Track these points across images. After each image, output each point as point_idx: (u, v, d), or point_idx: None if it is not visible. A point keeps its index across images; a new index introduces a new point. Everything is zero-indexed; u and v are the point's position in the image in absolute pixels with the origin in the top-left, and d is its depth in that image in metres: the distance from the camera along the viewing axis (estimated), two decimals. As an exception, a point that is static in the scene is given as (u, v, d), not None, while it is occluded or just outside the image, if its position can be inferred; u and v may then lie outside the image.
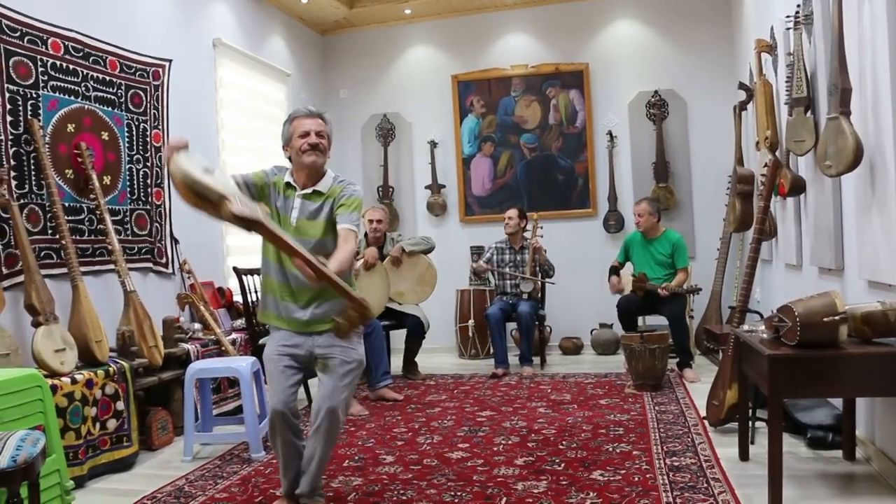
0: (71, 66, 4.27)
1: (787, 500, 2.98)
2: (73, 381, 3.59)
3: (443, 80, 7.58)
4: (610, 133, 7.20)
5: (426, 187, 7.63)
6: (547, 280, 6.38)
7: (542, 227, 6.43)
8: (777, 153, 4.57)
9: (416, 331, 6.00)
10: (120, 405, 3.89)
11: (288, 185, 3.14)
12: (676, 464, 3.54)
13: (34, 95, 4.00)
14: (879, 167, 3.09)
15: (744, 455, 3.60)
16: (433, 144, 7.57)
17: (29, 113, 3.96)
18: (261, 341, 5.20)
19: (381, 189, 7.65)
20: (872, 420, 3.44)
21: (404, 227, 7.60)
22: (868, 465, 3.42)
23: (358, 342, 3.12)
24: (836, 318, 2.89)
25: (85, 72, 4.37)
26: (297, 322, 3.06)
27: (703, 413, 4.34)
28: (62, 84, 4.20)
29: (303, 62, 7.47)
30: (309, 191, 3.13)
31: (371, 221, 5.90)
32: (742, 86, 5.75)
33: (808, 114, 3.94)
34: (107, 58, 4.56)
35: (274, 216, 3.05)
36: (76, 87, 4.31)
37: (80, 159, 4.25)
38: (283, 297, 3.08)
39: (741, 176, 5.44)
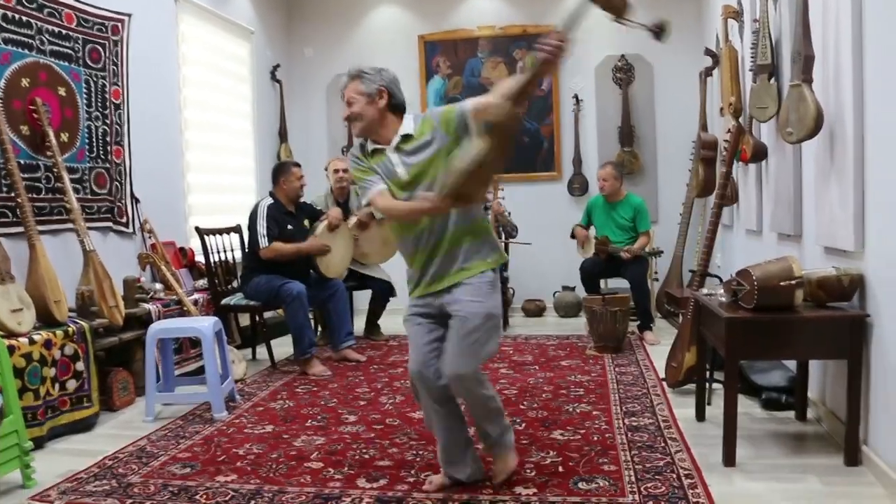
0: (24, 18, 4.13)
1: (741, 458, 3.08)
2: (31, 342, 3.53)
3: (409, 41, 7.49)
4: (576, 96, 7.20)
5: (391, 148, 7.55)
6: (520, 241, 6.39)
7: (502, 190, 6.44)
8: (740, 119, 4.61)
9: (384, 294, 6.01)
10: (80, 365, 3.84)
11: (375, 151, 2.86)
12: (635, 424, 3.61)
13: (-14, 48, 3.88)
14: (839, 135, 3.14)
15: (700, 415, 3.69)
16: (399, 105, 7.48)
17: (-19, 66, 3.84)
18: (224, 300, 5.17)
19: (345, 149, 7.56)
20: (824, 382, 3.54)
21: (369, 189, 7.53)
22: (818, 425, 3.53)
23: (489, 292, 2.80)
24: (793, 282, 2.96)
25: (39, 24, 4.24)
26: (424, 286, 2.84)
27: (661, 375, 4.43)
28: (14, 36, 4.06)
29: (267, 19, 7.32)
30: (396, 140, 2.82)
31: (337, 171, 5.86)
32: (708, 52, 5.78)
33: (772, 81, 3.97)
34: (62, 10, 4.42)
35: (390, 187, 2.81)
36: (30, 41, 4.17)
37: (35, 115, 4.14)
38: (410, 265, 2.91)
39: (705, 141, 5.49)
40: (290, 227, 5.12)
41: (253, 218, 5.07)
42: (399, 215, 2.79)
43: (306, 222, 5.31)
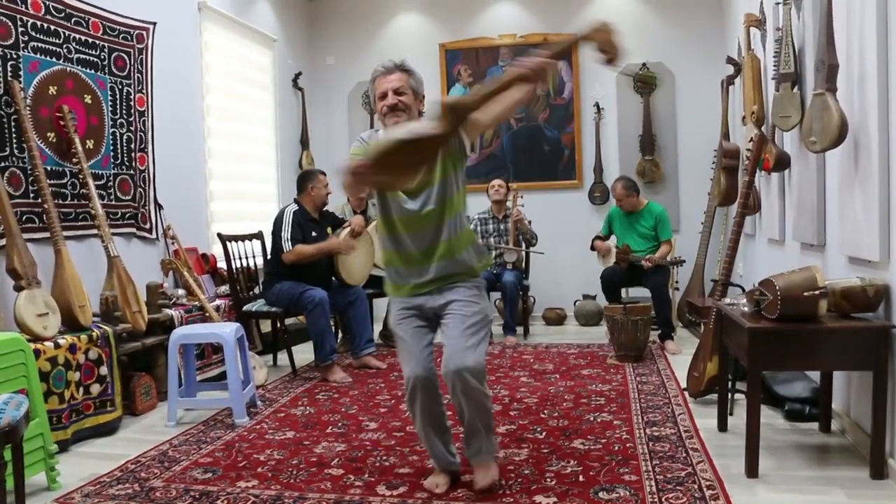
0: (52, 27, 4.20)
1: (763, 469, 3.04)
2: (57, 346, 3.58)
3: (430, 49, 7.52)
4: (597, 105, 7.19)
5: (412, 156, 7.58)
6: (533, 250, 6.40)
7: (522, 197, 6.45)
8: (763, 128, 4.59)
9: None
10: (103, 370, 3.88)
11: None
12: (656, 434, 3.59)
13: (14, 56, 3.94)
14: (863, 144, 3.11)
15: (722, 426, 3.66)
16: (420, 113, 7.51)
17: (9, 74, 3.90)
18: (246, 306, 5.20)
19: (366, 157, 7.60)
20: (848, 393, 3.50)
21: (390, 196, 7.56)
22: (843, 437, 3.49)
23: (482, 294, 2.90)
24: (816, 292, 2.93)
25: (67, 33, 4.30)
26: (414, 286, 2.88)
27: (683, 384, 4.40)
28: (43, 45, 4.13)
29: (289, 28, 7.38)
30: None
31: None
32: (730, 60, 5.75)
33: (795, 89, 3.95)
34: (89, 19, 4.49)
35: None
36: (58, 49, 4.24)
37: (62, 122, 4.20)
38: (398, 265, 2.92)
39: (727, 150, 5.46)
40: (314, 233, 5.15)
41: (278, 224, 5.10)
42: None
43: (329, 230, 5.33)
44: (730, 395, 3.82)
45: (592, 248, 6.26)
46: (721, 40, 6.86)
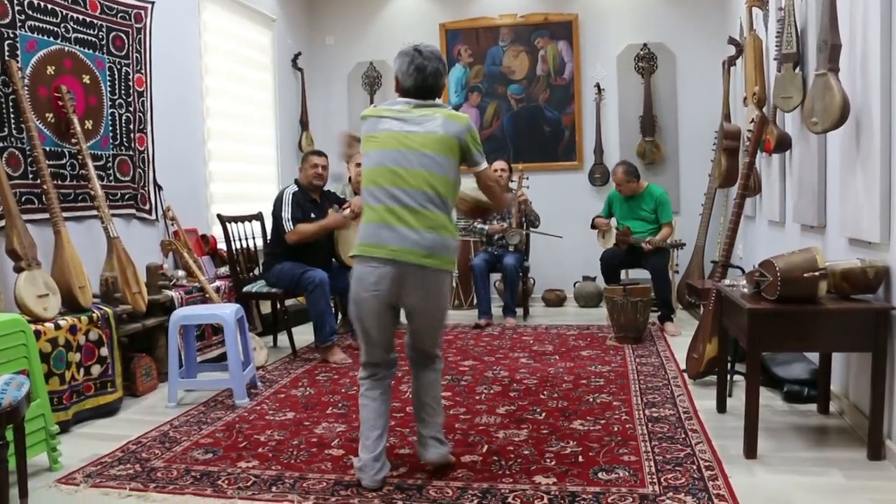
0: (49, 6, 4.16)
1: (762, 451, 3.06)
2: (57, 327, 3.58)
3: (430, 29, 7.46)
4: (598, 85, 7.15)
5: (412, 137, 7.56)
6: (552, 233, 6.40)
7: (527, 179, 6.43)
8: (764, 109, 4.57)
9: None
10: (104, 351, 3.89)
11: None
12: (655, 415, 3.61)
13: (11, 35, 3.90)
14: (865, 125, 3.10)
15: (721, 407, 3.67)
16: (420, 94, 7.48)
17: (6, 54, 3.87)
18: (246, 287, 5.20)
19: (366, 138, 7.57)
20: (847, 375, 3.51)
21: (390, 177, 7.55)
22: (841, 418, 3.50)
23: None
24: (816, 274, 2.93)
25: (64, 12, 4.27)
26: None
27: (682, 366, 4.41)
28: (41, 24, 4.10)
29: (288, 7, 7.33)
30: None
31: (359, 164, 5.89)
32: (732, 40, 5.72)
33: (797, 70, 3.93)
34: (87, -2, 4.46)
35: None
36: (55, 28, 4.21)
37: (60, 103, 4.18)
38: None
39: (728, 131, 5.44)
40: (313, 214, 5.14)
41: (278, 204, 5.09)
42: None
43: (330, 210, 5.32)
44: (729, 376, 3.83)
45: (593, 227, 6.25)
46: (723, 20, 6.81)
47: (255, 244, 5.62)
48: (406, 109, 2.88)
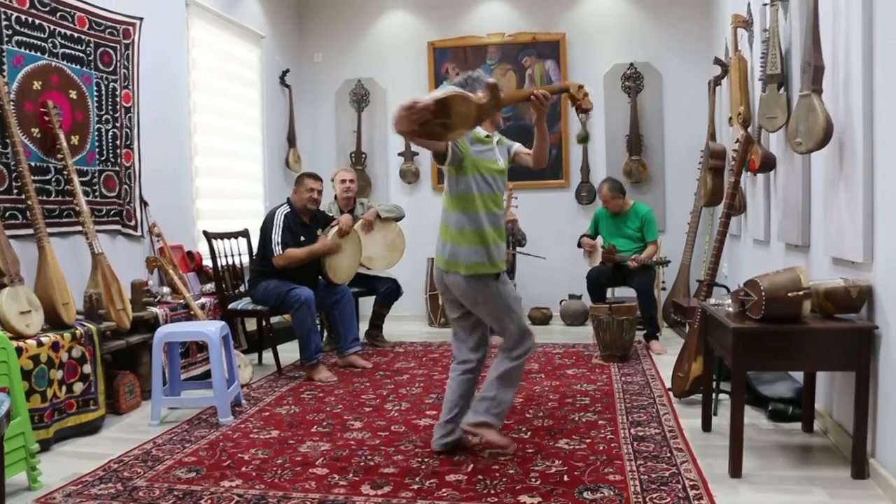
0: (37, 21, 4.16)
1: (747, 469, 3.06)
2: (39, 344, 3.55)
3: (419, 47, 7.51)
4: (585, 104, 7.18)
5: (399, 154, 7.59)
6: (534, 254, 6.40)
7: (516, 198, 6.45)
8: (749, 129, 4.61)
9: (391, 294, 6.01)
10: (87, 368, 3.86)
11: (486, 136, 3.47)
12: (641, 433, 3.60)
13: (-1, 51, 3.90)
14: (848, 146, 3.13)
15: (706, 426, 3.68)
16: (408, 111, 7.50)
17: (-7, 69, 3.86)
18: (231, 304, 5.18)
19: (353, 155, 7.60)
20: (831, 394, 3.52)
21: (377, 194, 7.57)
22: (825, 437, 3.51)
23: None
24: (800, 293, 2.95)
25: (52, 27, 4.27)
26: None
27: (668, 384, 4.41)
28: (28, 39, 4.09)
29: (277, 24, 7.35)
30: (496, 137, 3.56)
31: (344, 181, 5.91)
32: (717, 61, 5.77)
33: (782, 91, 3.97)
34: (75, 14, 4.45)
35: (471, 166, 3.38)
36: (43, 44, 4.20)
37: (46, 118, 4.16)
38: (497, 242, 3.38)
39: (713, 151, 5.48)
40: (303, 238, 5.12)
41: (268, 224, 5.07)
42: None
43: (319, 231, 5.31)
44: (714, 395, 3.84)
45: (579, 245, 6.27)
46: (708, 41, 6.88)
47: (240, 261, 5.60)
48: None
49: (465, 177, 3.35)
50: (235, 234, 5.54)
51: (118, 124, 4.82)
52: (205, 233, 5.28)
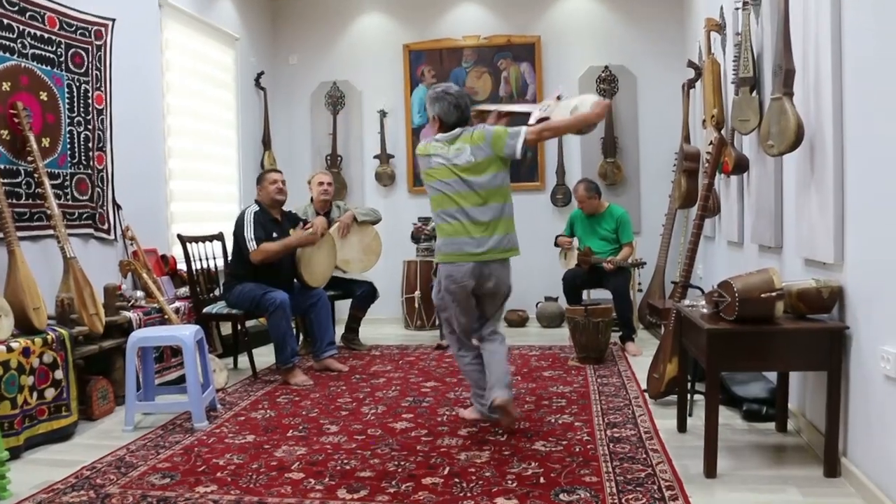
0: (6, 21, 4.10)
1: (722, 469, 3.08)
2: (9, 349, 3.49)
3: (394, 49, 7.50)
4: (560, 107, 7.21)
5: (375, 157, 7.58)
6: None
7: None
8: (723, 131, 4.65)
9: (367, 297, 5.99)
10: (59, 374, 3.80)
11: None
12: (617, 435, 3.62)
13: (-33, 52, 3.84)
14: (819, 148, 3.17)
15: (682, 427, 3.70)
16: (382, 114, 7.51)
17: (-39, 70, 3.80)
18: (206, 308, 5.13)
19: (329, 157, 7.57)
20: (804, 393, 3.56)
21: (352, 197, 7.55)
22: (798, 436, 3.54)
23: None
24: (773, 294, 2.97)
25: (21, 27, 4.21)
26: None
27: (643, 386, 4.44)
28: (-3, 41, 4.04)
29: (252, 26, 7.31)
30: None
31: (321, 184, 5.89)
32: (691, 64, 5.82)
33: (754, 93, 4.01)
34: (45, 14, 4.40)
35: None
36: (12, 44, 4.14)
37: (16, 119, 4.10)
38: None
39: (687, 153, 5.52)
40: (275, 234, 5.10)
41: (240, 224, 5.04)
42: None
43: (291, 231, 5.28)
44: (689, 396, 3.86)
45: (556, 244, 6.29)
46: (682, 44, 6.94)
47: (215, 264, 5.55)
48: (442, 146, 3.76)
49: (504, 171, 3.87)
50: (210, 238, 5.50)
51: (90, 126, 4.77)
52: (179, 236, 5.24)
